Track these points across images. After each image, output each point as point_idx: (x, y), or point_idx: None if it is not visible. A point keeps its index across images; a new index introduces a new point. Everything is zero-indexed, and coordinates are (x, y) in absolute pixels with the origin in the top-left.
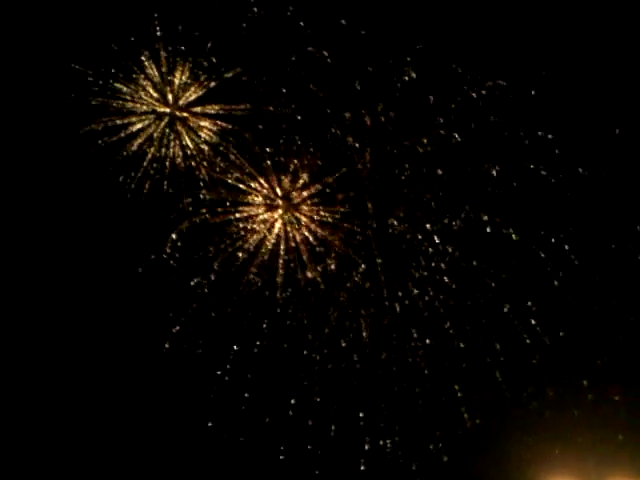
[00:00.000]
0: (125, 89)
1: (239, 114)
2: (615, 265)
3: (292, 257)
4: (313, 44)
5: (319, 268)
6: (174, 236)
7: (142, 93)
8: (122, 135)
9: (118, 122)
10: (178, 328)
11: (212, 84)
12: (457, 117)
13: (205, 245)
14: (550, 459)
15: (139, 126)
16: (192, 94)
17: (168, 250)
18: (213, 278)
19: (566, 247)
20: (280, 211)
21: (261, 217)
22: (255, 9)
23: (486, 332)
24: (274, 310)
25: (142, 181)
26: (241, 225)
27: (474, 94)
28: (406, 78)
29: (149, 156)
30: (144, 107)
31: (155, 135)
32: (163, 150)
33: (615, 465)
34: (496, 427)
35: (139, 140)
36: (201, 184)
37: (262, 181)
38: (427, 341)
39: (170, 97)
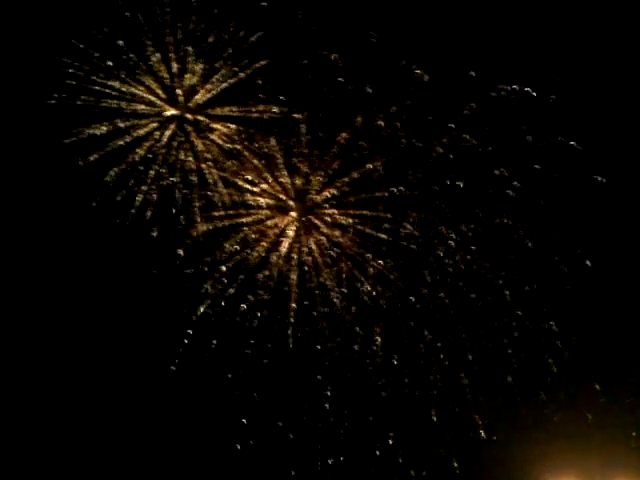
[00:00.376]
0: (135, 91)
1: (251, 117)
2: (629, 270)
3: (306, 260)
4: (325, 48)
5: (332, 272)
6: (187, 240)
7: (152, 96)
8: (132, 138)
9: (128, 124)
10: (191, 332)
11: (222, 86)
12: (471, 121)
13: (219, 248)
14: (554, 459)
15: (149, 129)
16: (203, 96)
17: (181, 253)
18: (226, 281)
19: (579, 251)
20: (294, 214)
21: (274, 220)
22: (267, 15)
23: (499, 336)
24: (287, 314)
25: (153, 184)
26: (254, 228)
27: (488, 98)
28: (419, 81)
29: (159, 159)
30: (155, 109)
31: (165, 138)
32: (173, 153)
33: (619, 466)
34: (504, 428)
35: (149, 143)
36: (214, 187)
37: (275, 184)
38: (439, 344)
39: (181, 99)
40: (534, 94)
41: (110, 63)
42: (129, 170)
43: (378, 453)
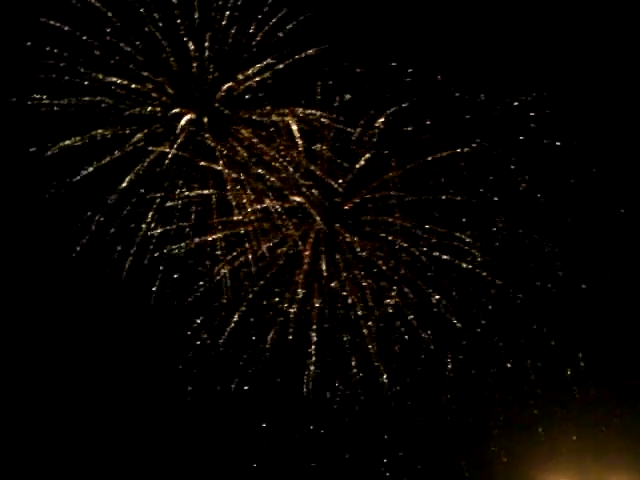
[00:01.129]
0: (148, 92)
1: (274, 120)
2: None
3: (328, 268)
4: (347, 56)
5: (355, 280)
6: (208, 248)
7: (166, 97)
8: (143, 143)
9: (139, 127)
10: (208, 341)
11: (243, 88)
12: (493, 129)
13: (240, 255)
14: (555, 459)
15: (162, 131)
16: (223, 99)
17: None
18: (245, 288)
19: (593, 260)
20: (317, 221)
21: (297, 229)
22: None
23: (516, 346)
24: (309, 323)
25: (169, 189)
26: (272, 235)
27: (510, 107)
28: (441, 90)
29: (174, 164)
30: (172, 111)
31: (180, 140)
32: (189, 157)
33: (620, 467)
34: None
35: (162, 147)
36: (232, 193)
37: (298, 190)
38: (460, 356)
39: (199, 102)
40: (554, 102)
41: (123, 61)
42: (141, 176)
43: (386, 460)
